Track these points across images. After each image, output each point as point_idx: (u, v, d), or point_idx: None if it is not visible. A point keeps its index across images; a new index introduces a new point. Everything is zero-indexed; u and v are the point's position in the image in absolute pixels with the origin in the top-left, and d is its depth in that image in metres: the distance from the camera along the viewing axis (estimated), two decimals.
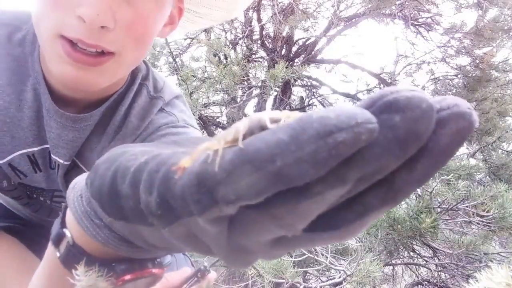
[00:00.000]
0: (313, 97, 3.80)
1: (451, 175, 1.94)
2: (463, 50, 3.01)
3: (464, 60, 3.16)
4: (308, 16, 2.76)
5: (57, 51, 0.47)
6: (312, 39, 3.22)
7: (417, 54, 3.32)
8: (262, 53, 3.41)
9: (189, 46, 3.16)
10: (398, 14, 2.80)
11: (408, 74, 3.54)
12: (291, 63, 3.02)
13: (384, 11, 2.82)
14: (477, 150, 2.91)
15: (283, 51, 3.21)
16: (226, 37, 3.26)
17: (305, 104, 3.83)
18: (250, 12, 2.94)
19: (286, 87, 3.22)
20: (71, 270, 0.30)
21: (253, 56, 3.37)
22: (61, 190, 0.64)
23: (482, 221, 1.80)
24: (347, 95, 3.71)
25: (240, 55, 3.07)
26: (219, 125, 3.51)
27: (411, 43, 3.25)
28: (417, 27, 3.02)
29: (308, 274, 2.18)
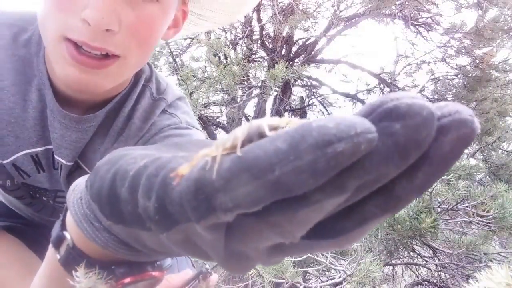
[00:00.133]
0: (313, 97, 3.81)
1: (451, 175, 1.94)
2: (463, 50, 3.01)
3: (464, 60, 3.16)
4: (308, 16, 2.76)
5: (61, 53, 0.48)
6: (312, 39, 3.22)
7: (417, 54, 3.33)
8: (262, 53, 3.41)
9: (189, 46, 3.17)
10: (398, 14, 2.80)
11: (408, 74, 3.54)
12: (291, 63, 3.02)
13: (384, 11, 2.82)
14: (477, 150, 2.92)
15: (283, 51, 3.21)
16: (226, 37, 3.26)
17: (305, 104, 3.83)
18: (250, 12, 2.94)
19: (286, 87, 3.22)
20: (71, 272, 0.30)
21: (253, 56, 3.37)
22: (64, 190, 0.64)
23: (482, 221, 1.80)
24: (347, 95, 3.71)
25: (240, 55, 3.07)
26: (219, 125, 3.51)
27: (411, 43, 3.25)
28: (417, 27, 3.02)
29: (308, 274, 2.18)
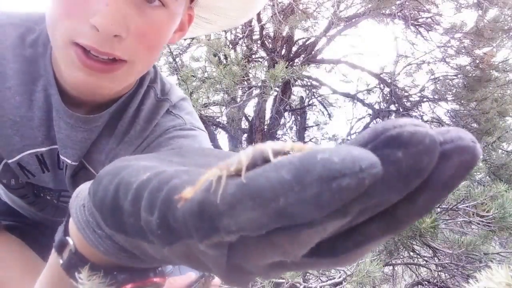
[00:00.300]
0: (313, 97, 3.81)
1: None
2: (463, 50, 3.02)
3: (464, 60, 3.17)
4: (308, 16, 2.76)
5: (70, 57, 0.48)
6: (312, 39, 3.22)
7: (417, 54, 3.33)
8: (262, 53, 3.41)
9: (189, 46, 3.16)
10: (398, 14, 2.80)
11: (408, 74, 3.54)
12: (291, 63, 3.02)
13: (384, 11, 2.82)
14: None
15: (283, 51, 3.22)
16: (226, 37, 3.25)
17: (305, 104, 3.84)
18: None
19: (286, 87, 3.22)
20: (74, 277, 0.30)
21: (253, 56, 3.37)
22: (68, 190, 0.64)
23: (482, 221, 1.80)
24: (347, 95, 3.71)
25: (240, 55, 3.07)
26: (219, 125, 3.51)
27: (411, 43, 3.26)
28: (417, 27, 3.02)
29: (308, 274, 2.18)
